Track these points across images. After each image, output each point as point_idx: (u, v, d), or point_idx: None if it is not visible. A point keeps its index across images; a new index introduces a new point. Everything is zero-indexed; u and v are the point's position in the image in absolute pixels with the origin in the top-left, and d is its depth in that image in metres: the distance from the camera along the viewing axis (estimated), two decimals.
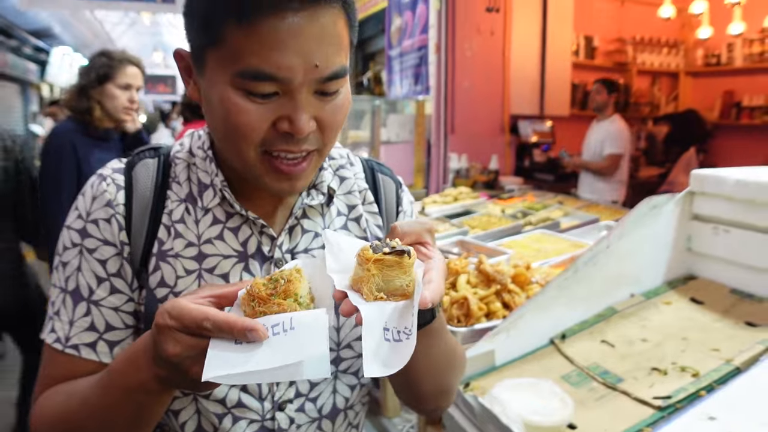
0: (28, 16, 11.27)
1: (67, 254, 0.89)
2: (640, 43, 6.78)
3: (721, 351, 1.24)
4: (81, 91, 2.71)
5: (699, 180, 1.53)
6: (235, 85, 0.76)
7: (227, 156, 0.87)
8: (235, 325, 0.64)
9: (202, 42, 0.79)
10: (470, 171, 4.95)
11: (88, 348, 0.87)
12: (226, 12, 0.74)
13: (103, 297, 0.88)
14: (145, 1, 7.97)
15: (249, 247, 0.91)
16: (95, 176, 0.92)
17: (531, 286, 1.76)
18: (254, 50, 0.74)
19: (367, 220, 1.02)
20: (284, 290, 0.68)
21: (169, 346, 0.66)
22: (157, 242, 0.89)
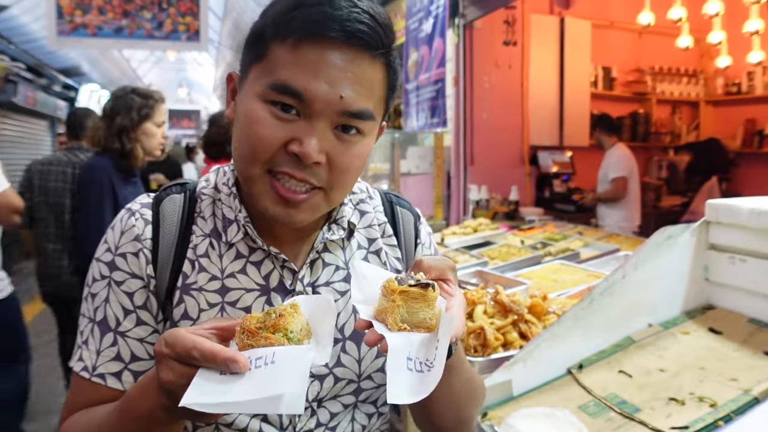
0: (58, 56, 11.65)
1: (96, 286, 0.92)
2: (659, 73, 6.79)
3: (740, 381, 1.24)
4: (121, 131, 2.74)
5: (714, 209, 1.53)
6: (263, 98, 0.81)
7: (240, 176, 0.90)
8: (218, 355, 0.66)
9: (250, 58, 0.85)
10: (490, 202, 4.96)
11: (114, 377, 0.89)
12: (275, 31, 0.81)
13: (129, 328, 0.90)
14: (171, 40, 8.21)
15: (271, 281, 0.93)
16: (124, 210, 0.96)
17: (548, 316, 1.76)
18: (289, 67, 0.80)
19: (387, 253, 1.04)
20: (273, 325, 0.69)
21: (164, 373, 0.69)
22: (182, 276, 0.91)
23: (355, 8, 0.81)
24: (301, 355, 0.66)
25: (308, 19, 0.79)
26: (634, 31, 6.39)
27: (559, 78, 5.89)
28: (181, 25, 8.14)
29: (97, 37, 7.97)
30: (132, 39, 8.13)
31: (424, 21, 4.64)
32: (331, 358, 0.93)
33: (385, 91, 0.87)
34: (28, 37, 9.72)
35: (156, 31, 8.08)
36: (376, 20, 0.82)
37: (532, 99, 5.74)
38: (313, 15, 0.79)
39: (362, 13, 0.81)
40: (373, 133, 0.88)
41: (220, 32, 13.38)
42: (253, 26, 0.87)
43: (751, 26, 5.13)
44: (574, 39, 5.88)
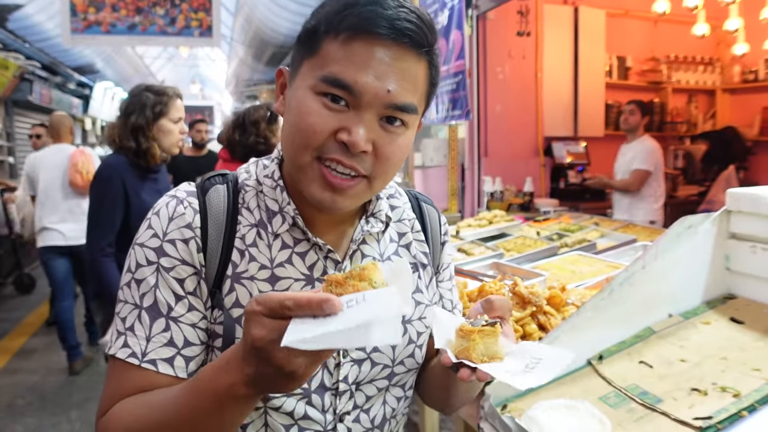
0: (72, 54, 11.74)
1: (142, 271, 0.92)
2: (675, 62, 6.71)
3: (763, 371, 1.23)
4: (135, 130, 2.74)
5: (735, 199, 1.52)
6: (315, 89, 0.86)
7: (289, 164, 0.94)
8: (313, 298, 0.68)
9: (303, 53, 0.90)
10: (505, 194, 4.95)
11: (166, 363, 0.90)
12: (328, 27, 0.86)
13: (182, 314, 0.91)
14: (183, 36, 8.25)
15: (315, 271, 0.97)
16: (169, 198, 0.96)
17: (567, 307, 1.75)
18: (340, 61, 0.85)
19: (416, 247, 1.12)
20: (359, 275, 0.74)
21: (255, 329, 0.69)
22: (231, 265, 0.94)
23: (403, 8, 0.86)
24: (390, 293, 0.70)
25: (360, 16, 0.84)
26: (649, 19, 6.33)
27: (574, 68, 5.85)
28: (194, 21, 8.17)
29: (110, 34, 8.03)
30: (145, 35, 8.18)
31: (440, 13, 4.62)
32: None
33: (426, 88, 0.92)
34: (43, 36, 9.80)
35: (169, 27, 8.12)
36: (422, 20, 0.87)
37: (546, 89, 5.71)
38: (364, 13, 0.84)
39: (410, 13, 0.86)
40: (414, 126, 0.94)
41: (232, 28, 13.41)
42: (305, 24, 0.91)
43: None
44: (588, 28, 5.83)
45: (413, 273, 1.09)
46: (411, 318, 1.06)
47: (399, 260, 0.82)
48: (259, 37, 11.91)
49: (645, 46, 6.58)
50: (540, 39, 5.62)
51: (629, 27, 6.44)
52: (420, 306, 1.09)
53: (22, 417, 4.15)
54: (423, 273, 1.12)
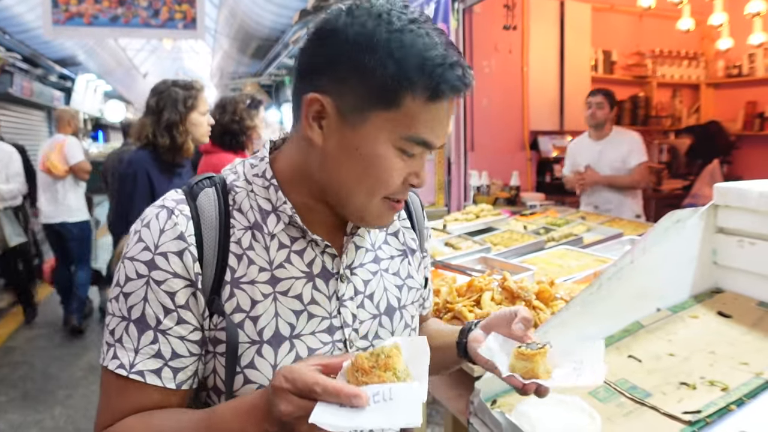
0: (53, 45, 11.57)
1: (131, 285, 0.91)
2: (660, 56, 6.75)
3: (750, 364, 1.24)
4: (170, 126, 2.78)
5: (722, 193, 1.52)
6: (396, 145, 0.89)
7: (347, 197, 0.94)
8: (342, 390, 0.73)
9: (371, 102, 0.87)
10: (491, 188, 4.95)
11: (153, 374, 0.90)
12: (415, 87, 0.85)
13: (170, 327, 0.91)
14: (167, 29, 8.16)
15: (314, 267, 0.99)
16: (157, 208, 0.94)
17: (555, 302, 1.76)
18: (426, 123, 0.88)
19: (404, 234, 1.16)
20: (384, 364, 0.78)
21: (282, 405, 0.75)
22: (229, 270, 0.93)
23: (463, 58, 0.90)
24: (415, 391, 0.76)
25: (449, 82, 0.86)
26: (634, 14, 6.34)
27: (560, 62, 5.86)
28: (178, 13, 8.08)
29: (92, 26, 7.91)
30: (128, 27, 8.07)
31: (426, 6, 4.60)
32: (370, 332, 1.04)
33: None
34: (23, 27, 9.64)
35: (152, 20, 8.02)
36: None
37: (532, 83, 5.72)
38: (451, 78, 0.86)
39: (467, 65, 0.90)
40: None
41: (216, 20, 13.28)
42: (368, 62, 0.85)
43: (752, 7, 5.08)
44: (574, 22, 5.84)
45: (404, 259, 1.14)
46: (405, 303, 1.11)
47: (420, 339, 0.85)
48: (243, 30, 11.82)
49: (630, 40, 6.60)
50: (526, 33, 5.62)
51: (615, 21, 6.46)
52: (412, 290, 1.14)
53: (5, 414, 4.11)
54: (413, 258, 1.16)
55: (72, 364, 4.97)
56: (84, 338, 5.66)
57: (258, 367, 0.92)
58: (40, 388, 4.52)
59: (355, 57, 0.85)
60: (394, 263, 1.11)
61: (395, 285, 1.10)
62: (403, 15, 0.87)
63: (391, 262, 1.11)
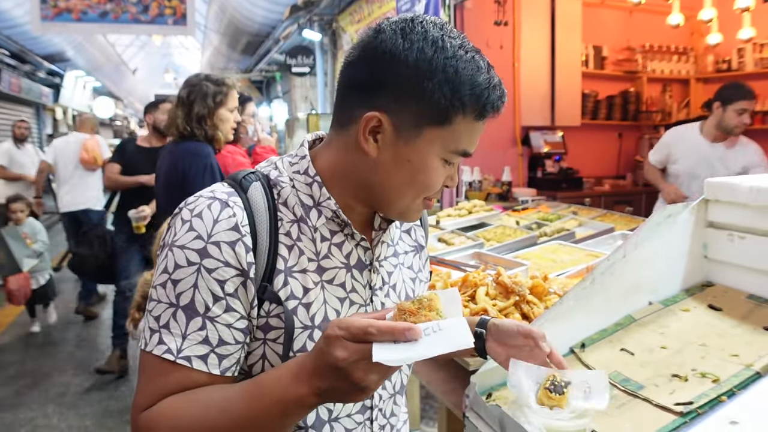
0: (42, 41, 11.49)
1: (181, 272, 0.94)
2: (650, 51, 6.79)
3: (741, 356, 1.25)
4: (200, 119, 2.84)
5: (713, 188, 1.54)
6: (443, 157, 0.99)
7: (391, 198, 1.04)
8: (396, 327, 0.79)
9: (426, 121, 0.96)
10: (483, 183, 4.97)
11: (200, 360, 0.93)
12: (465, 109, 0.95)
13: (218, 314, 0.94)
14: (157, 24, 8.12)
15: (351, 259, 1.07)
16: (208, 199, 0.98)
17: (549, 296, 1.77)
18: (470, 137, 0.99)
19: (416, 231, 1.26)
20: (428, 306, 0.87)
21: (338, 351, 0.79)
22: (281, 259, 1.00)
23: (502, 86, 0.99)
24: (461, 322, 0.84)
25: (493, 106, 0.97)
26: (624, 9, 6.38)
27: (551, 57, 5.88)
28: (168, 9, 8.04)
29: (81, 22, 7.87)
30: (117, 23, 8.03)
31: (417, 2, 4.61)
32: None
33: None
34: (11, 23, 9.57)
35: (142, 15, 7.98)
36: None
37: (523, 79, 5.73)
38: (496, 100, 0.97)
39: (504, 89, 1.00)
40: None
41: (206, 16, 13.22)
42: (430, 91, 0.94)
43: (741, 3, 5.12)
44: (564, 18, 5.86)
45: (416, 254, 1.24)
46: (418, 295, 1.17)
47: (452, 290, 0.93)
48: (233, 26, 11.77)
49: (620, 35, 6.64)
50: (517, 28, 5.64)
51: (605, 17, 6.49)
52: (422, 283, 1.24)
53: None
54: (421, 254, 1.26)
55: (64, 362, 4.96)
56: (76, 336, 5.64)
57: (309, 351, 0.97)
58: (32, 386, 4.50)
59: (415, 81, 0.94)
60: (408, 258, 1.21)
61: (410, 278, 1.20)
62: (454, 41, 0.96)
63: (406, 256, 1.21)
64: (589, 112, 6.37)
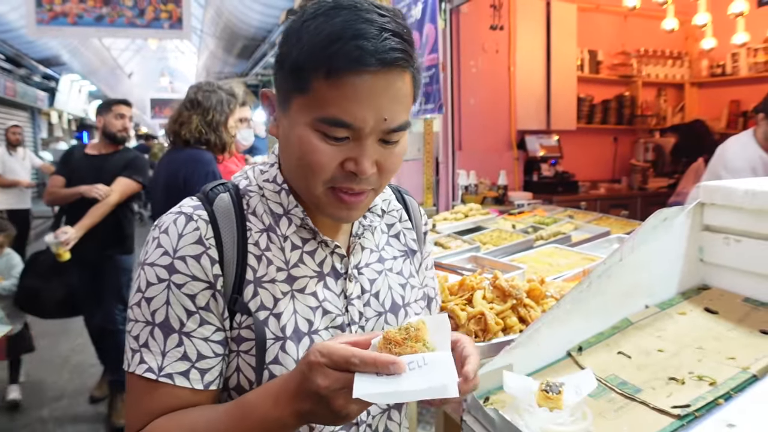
0: (37, 45, 11.48)
1: (153, 290, 0.93)
2: (645, 56, 6.82)
3: (737, 359, 1.26)
4: (218, 125, 2.85)
5: (708, 191, 1.55)
6: (314, 128, 0.89)
7: (296, 186, 0.99)
8: (379, 359, 0.76)
9: (290, 88, 0.90)
10: (479, 187, 4.98)
11: (181, 376, 0.93)
12: (316, 67, 0.85)
13: (193, 329, 0.93)
14: (153, 28, 8.11)
15: (324, 267, 1.03)
16: (175, 215, 0.97)
17: (546, 300, 1.77)
18: (336, 102, 0.86)
19: (405, 235, 1.20)
20: (414, 336, 0.82)
21: (320, 379, 0.77)
22: (250, 270, 0.97)
23: (387, 33, 0.86)
24: (447, 357, 0.80)
25: (347, 56, 0.84)
26: (619, 14, 6.41)
27: (546, 62, 5.90)
28: (164, 13, 8.03)
29: (77, 26, 7.86)
30: (113, 27, 8.02)
31: (413, 6, 4.62)
32: (376, 329, 1.07)
33: (414, 92, 0.95)
34: (6, 27, 9.56)
35: (137, 19, 7.97)
36: (404, 39, 0.89)
37: (519, 83, 5.75)
38: (350, 51, 0.84)
39: (393, 37, 0.86)
40: (407, 132, 0.97)
41: (202, 20, 13.22)
42: (285, 55, 0.91)
43: (735, 7, 5.16)
44: (560, 22, 5.89)
45: (406, 259, 1.18)
46: (409, 301, 1.14)
47: (441, 316, 0.88)
48: (229, 30, 11.77)
49: (615, 40, 6.67)
50: (513, 33, 5.65)
51: (600, 21, 6.52)
52: (414, 289, 1.17)
53: None
54: (414, 259, 1.20)
55: (60, 368, 4.93)
56: (72, 341, 5.62)
57: (282, 363, 0.95)
58: (27, 391, 4.48)
59: (280, 50, 0.92)
60: (397, 263, 1.15)
61: (399, 284, 1.14)
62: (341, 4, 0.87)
63: (395, 262, 1.15)
64: (584, 116, 6.40)
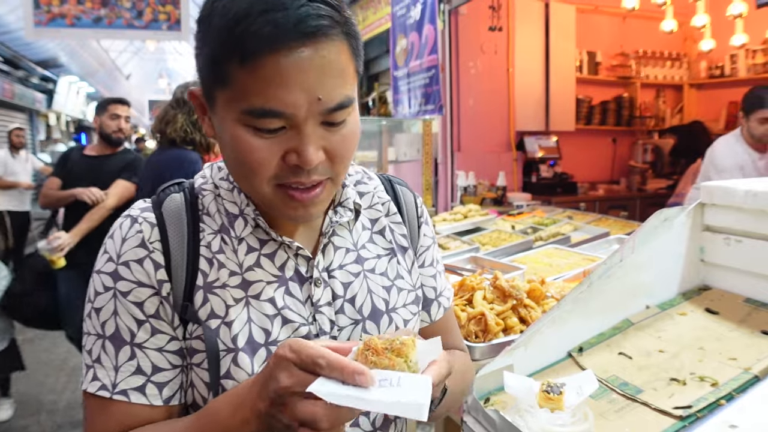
0: (35, 47, 11.47)
1: (100, 299, 0.87)
2: (644, 57, 6.82)
3: (739, 360, 1.25)
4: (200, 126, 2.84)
5: (709, 192, 1.54)
6: (243, 123, 0.78)
7: (243, 189, 0.90)
8: (347, 366, 0.68)
9: (211, 82, 0.81)
10: (478, 188, 4.97)
11: (137, 392, 0.86)
12: (229, 54, 0.75)
13: (145, 339, 0.87)
14: (151, 30, 8.10)
15: (287, 270, 0.93)
16: (123, 218, 0.92)
17: (546, 300, 1.77)
18: (259, 89, 0.75)
19: (393, 230, 1.06)
20: (398, 350, 0.73)
21: (283, 376, 0.69)
22: (201, 274, 0.89)
23: (300, 8, 0.74)
24: (425, 383, 0.70)
25: (258, 35, 0.73)
26: (618, 15, 6.42)
27: (545, 63, 5.91)
28: (162, 14, 8.02)
29: (75, 27, 7.84)
30: (111, 29, 8.01)
31: (412, 7, 4.62)
32: (352, 339, 0.96)
33: (353, 62, 0.82)
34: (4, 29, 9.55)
35: (136, 21, 7.96)
36: (328, 2, 0.77)
37: (517, 84, 5.76)
38: (262, 29, 0.73)
39: (311, 2, 0.75)
40: (356, 106, 0.85)
41: None
42: (199, 41, 0.81)
43: (734, 9, 5.16)
44: (559, 23, 5.89)
45: (392, 258, 1.04)
46: (395, 306, 1.02)
47: (436, 341, 0.78)
48: None
49: (614, 41, 6.67)
50: (512, 34, 5.65)
51: (599, 23, 6.52)
52: (402, 292, 1.04)
53: None
54: (404, 257, 1.06)
55: (58, 370, 4.92)
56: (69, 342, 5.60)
57: (235, 377, 0.86)
58: (25, 393, 4.46)
59: (196, 41, 0.82)
60: (380, 263, 1.02)
61: (382, 286, 1.00)
62: None
63: (378, 261, 1.02)
64: (583, 118, 6.41)
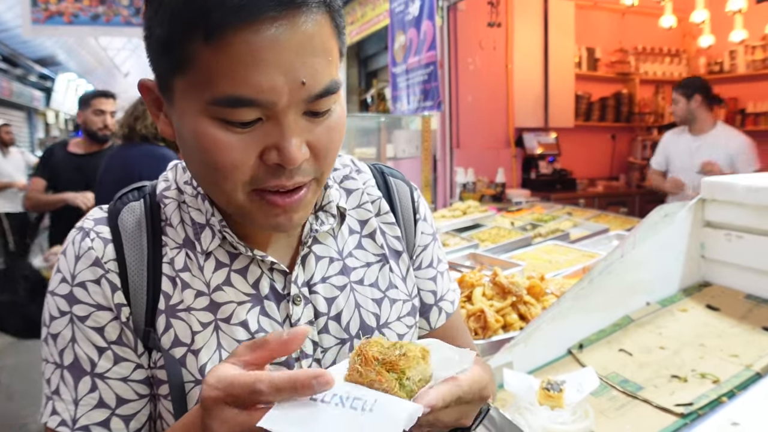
0: (33, 45, 11.44)
1: (56, 324, 0.77)
2: (642, 53, 6.81)
3: (740, 357, 1.24)
4: None
5: (709, 187, 1.54)
6: (210, 115, 0.65)
7: (212, 197, 0.76)
8: (299, 376, 0.54)
9: (166, 68, 0.67)
10: (477, 185, 4.97)
11: (100, 427, 0.77)
12: (190, 29, 0.62)
13: (107, 368, 0.77)
14: None
15: (261, 288, 0.80)
16: (75, 230, 0.80)
17: (546, 297, 1.76)
18: (228, 72, 0.62)
19: (384, 233, 0.92)
20: (392, 362, 0.59)
21: (216, 424, 0.56)
22: (163, 296, 0.78)
23: None
24: (406, 413, 0.55)
25: (226, 5, 0.60)
26: (617, 11, 6.39)
27: (544, 59, 5.89)
28: None
29: (73, 25, 7.80)
30: (109, 26, 7.97)
31: (411, 3, 4.61)
32: (340, 355, 0.84)
33: (337, 41, 0.70)
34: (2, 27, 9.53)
35: (134, 18, 7.93)
36: None
37: (516, 80, 5.74)
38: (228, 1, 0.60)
39: None
40: (340, 95, 0.73)
41: None
42: (150, 19, 0.67)
43: (733, 5, 5.15)
44: (557, 20, 5.87)
45: (383, 266, 0.90)
46: (388, 320, 0.89)
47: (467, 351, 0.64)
48: None
49: (613, 37, 6.65)
50: (510, 30, 5.64)
51: (598, 19, 6.50)
52: (397, 303, 0.90)
53: None
54: (397, 263, 0.92)
55: None
56: None
57: None
58: (24, 391, 4.46)
59: (145, 22, 0.68)
60: (370, 272, 0.89)
61: (372, 299, 0.87)
62: None
63: (367, 270, 0.88)
64: (582, 114, 6.39)
